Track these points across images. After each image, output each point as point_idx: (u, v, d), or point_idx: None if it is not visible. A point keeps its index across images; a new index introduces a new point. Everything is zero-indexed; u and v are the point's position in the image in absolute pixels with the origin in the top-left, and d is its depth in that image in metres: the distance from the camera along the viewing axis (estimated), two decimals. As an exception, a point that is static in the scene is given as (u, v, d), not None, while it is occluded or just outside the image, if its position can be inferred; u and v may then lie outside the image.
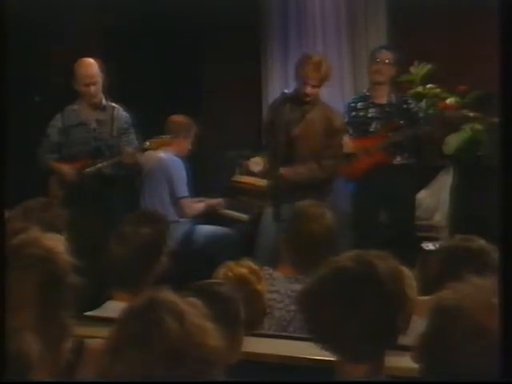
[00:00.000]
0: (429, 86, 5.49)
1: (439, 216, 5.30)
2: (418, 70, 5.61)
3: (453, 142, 5.14)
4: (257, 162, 4.90)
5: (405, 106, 5.09)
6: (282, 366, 2.42)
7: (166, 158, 5.00)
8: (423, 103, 5.42)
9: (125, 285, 2.76)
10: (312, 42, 6.20)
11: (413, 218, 5.15)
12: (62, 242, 1.80)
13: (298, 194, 4.10)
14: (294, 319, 2.91)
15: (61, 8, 5.69)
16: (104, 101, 4.95)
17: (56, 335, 1.68)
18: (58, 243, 1.77)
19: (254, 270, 2.61)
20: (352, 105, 5.18)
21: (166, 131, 5.03)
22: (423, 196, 5.34)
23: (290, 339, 2.66)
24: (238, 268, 2.57)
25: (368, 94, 5.15)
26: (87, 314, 2.68)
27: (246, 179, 5.44)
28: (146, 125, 5.04)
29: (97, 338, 1.89)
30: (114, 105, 4.97)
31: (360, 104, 5.13)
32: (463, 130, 5.14)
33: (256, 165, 4.91)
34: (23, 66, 5.47)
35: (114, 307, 2.62)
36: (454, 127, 5.17)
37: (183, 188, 4.98)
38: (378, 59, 5.02)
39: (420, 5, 5.61)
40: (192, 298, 1.67)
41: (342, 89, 6.04)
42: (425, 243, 4.71)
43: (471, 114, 5.12)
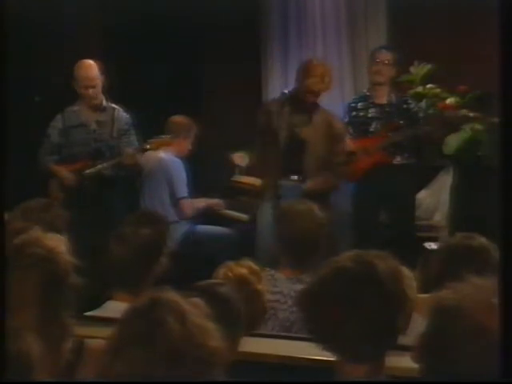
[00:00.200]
0: (429, 85, 5.49)
1: (439, 216, 5.30)
2: (418, 70, 5.60)
3: (453, 142, 5.13)
4: (240, 156, 4.88)
5: (405, 106, 5.09)
6: (281, 366, 2.42)
7: (166, 158, 5.00)
8: (423, 103, 5.41)
9: (125, 285, 2.76)
10: (312, 42, 6.19)
11: (413, 218, 5.15)
12: (63, 242, 1.80)
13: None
14: (298, 320, 2.91)
15: (61, 8, 5.69)
16: (104, 102, 4.95)
17: (57, 335, 1.69)
18: (59, 243, 1.78)
19: (254, 270, 2.60)
20: (352, 105, 5.18)
21: (166, 131, 5.04)
22: (423, 196, 5.34)
23: (289, 339, 2.66)
24: (238, 268, 2.56)
25: (368, 93, 5.15)
26: (87, 314, 2.68)
27: (246, 179, 5.44)
28: (146, 125, 5.04)
29: (97, 338, 1.89)
30: (115, 106, 4.97)
31: (360, 104, 5.13)
32: (463, 130, 5.13)
33: (240, 158, 4.88)
34: (23, 66, 5.47)
35: (114, 307, 2.63)
36: (454, 127, 5.16)
37: (183, 188, 4.98)
38: (378, 60, 5.03)
39: (420, 5, 5.61)
40: (195, 299, 1.68)
41: (342, 89, 6.03)
42: (427, 243, 4.72)
43: (471, 114, 5.12)
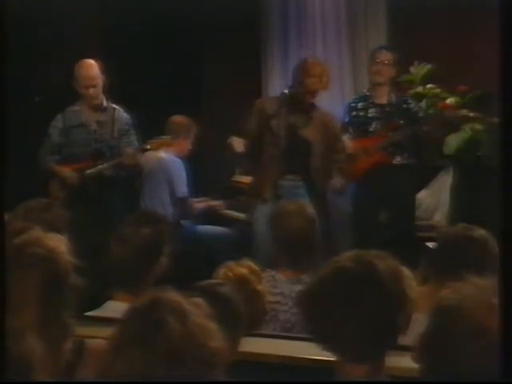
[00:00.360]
0: (429, 86, 5.50)
1: (439, 216, 5.30)
2: (418, 70, 5.61)
3: (453, 142, 5.14)
4: (240, 142, 4.78)
5: (405, 106, 5.09)
6: (281, 366, 2.42)
7: (167, 158, 5.00)
8: (423, 103, 5.42)
9: (125, 285, 2.76)
10: (312, 42, 6.19)
11: (413, 218, 5.15)
12: (63, 242, 1.80)
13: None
14: (299, 322, 2.90)
15: (61, 8, 5.69)
16: (105, 102, 4.94)
17: (57, 335, 1.68)
18: (59, 243, 1.77)
19: (254, 270, 2.60)
20: (352, 105, 5.18)
21: (167, 132, 5.03)
22: (423, 196, 5.34)
23: (289, 339, 2.66)
24: (238, 268, 2.56)
25: (368, 93, 5.15)
26: (87, 314, 2.68)
27: (246, 179, 5.43)
28: (146, 125, 5.04)
29: (97, 338, 1.90)
30: (115, 106, 4.97)
31: (360, 104, 5.13)
32: (463, 130, 5.14)
33: (239, 143, 4.79)
34: (23, 66, 5.47)
35: (114, 307, 2.63)
36: (454, 127, 5.17)
37: (183, 188, 4.98)
38: (378, 60, 5.02)
39: (420, 5, 5.61)
40: (196, 299, 1.67)
41: (342, 89, 6.04)
42: (430, 243, 4.70)
43: (471, 114, 5.12)
